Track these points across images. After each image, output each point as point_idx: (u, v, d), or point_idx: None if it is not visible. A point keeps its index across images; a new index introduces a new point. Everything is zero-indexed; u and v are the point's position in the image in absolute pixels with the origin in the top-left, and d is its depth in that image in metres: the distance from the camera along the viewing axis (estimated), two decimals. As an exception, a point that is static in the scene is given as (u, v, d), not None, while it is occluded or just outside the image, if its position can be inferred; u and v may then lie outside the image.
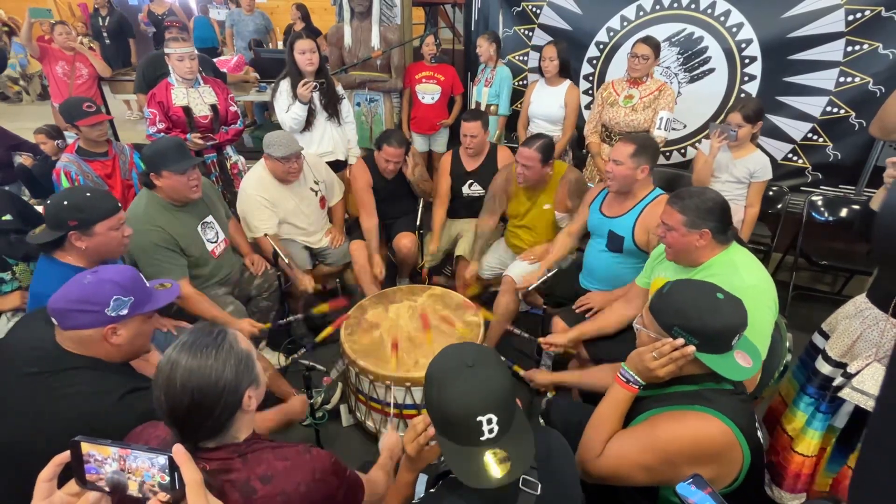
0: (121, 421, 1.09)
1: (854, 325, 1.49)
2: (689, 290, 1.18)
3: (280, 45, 5.57)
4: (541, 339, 1.97)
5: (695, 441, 1.08)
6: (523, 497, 0.89)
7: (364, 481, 1.14)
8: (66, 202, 1.54)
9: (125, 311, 1.21)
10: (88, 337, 1.18)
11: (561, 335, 1.96)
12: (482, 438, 0.87)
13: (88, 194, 1.59)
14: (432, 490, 1.03)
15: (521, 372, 1.88)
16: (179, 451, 0.68)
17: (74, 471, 0.68)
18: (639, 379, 1.20)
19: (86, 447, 0.68)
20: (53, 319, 1.18)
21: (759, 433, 1.16)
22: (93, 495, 0.68)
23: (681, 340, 1.13)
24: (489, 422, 0.86)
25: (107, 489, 0.69)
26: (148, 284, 1.31)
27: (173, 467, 0.68)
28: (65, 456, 0.69)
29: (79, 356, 1.19)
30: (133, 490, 0.68)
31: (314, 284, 2.50)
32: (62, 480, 0.70)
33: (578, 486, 1.07)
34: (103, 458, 0.68)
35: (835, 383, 1.50)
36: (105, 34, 5.71)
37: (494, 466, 0.85)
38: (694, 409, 1.12)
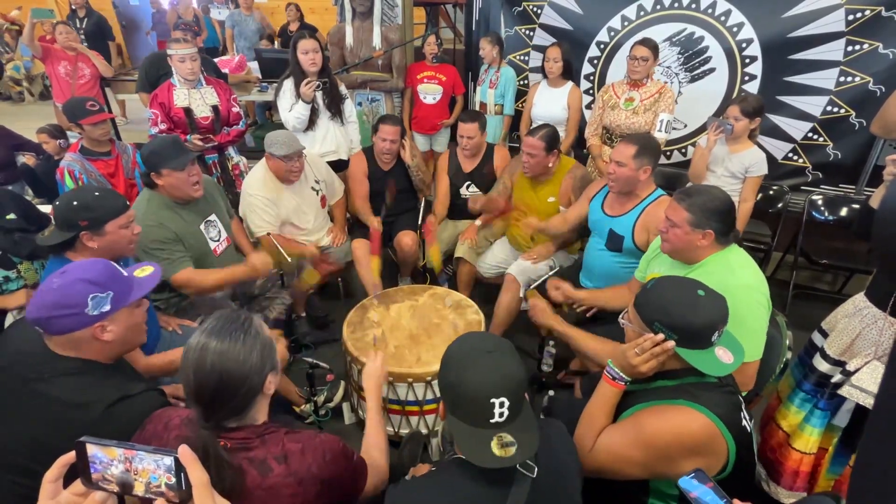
0: (102, 433, 1.04)
1: (853, 323, 1.49)
2: (670, 287, 1.19)
3: (275, 45, 5.58)
4: (551, 281, 2.05)
5: (677, 435, 1.10)
6: (520, 477, 0.94)
7: (367, 465, 1.21)
8: (75, 202, 1.53)
9: (108, 307, 1.14)
10: (79, 338, 1.13)
11: (568, 289, 2.01)
12: (492, 421, 0.92)
13: (97, 193, 1.59)
14: (441, 462, 1.08)
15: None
16: (185, 453, 0.68)
17: (80, 471, 0.68)
18: (623, 375, 1.22)
19: (91, 448, 0.67)
20: (38, 328, 1.12)
21: (747, 424, 1.17)
22: (99, 495, 0.68)
23: (661, 336, 1.15)
24: (501, 405, 0.92)
25: (114, 489, 0.68)
26: (125, 273, 1.23)
27: (179, 468, 0.68)
28: (70, 456, 0.68)
29: (71, 359, 1.13)
30: (139, 491, 0.68)
31: (317, 250, 2.51)
32: (68, 480, 0.70)
33: (575, 475, 1.09)
34: (109, 459, 0.67)
35: (833, 380, 1.51)
36: (82, 36, 5.25)
37: (499, 449, 0.91)
38: (677, 403, 1.13)
